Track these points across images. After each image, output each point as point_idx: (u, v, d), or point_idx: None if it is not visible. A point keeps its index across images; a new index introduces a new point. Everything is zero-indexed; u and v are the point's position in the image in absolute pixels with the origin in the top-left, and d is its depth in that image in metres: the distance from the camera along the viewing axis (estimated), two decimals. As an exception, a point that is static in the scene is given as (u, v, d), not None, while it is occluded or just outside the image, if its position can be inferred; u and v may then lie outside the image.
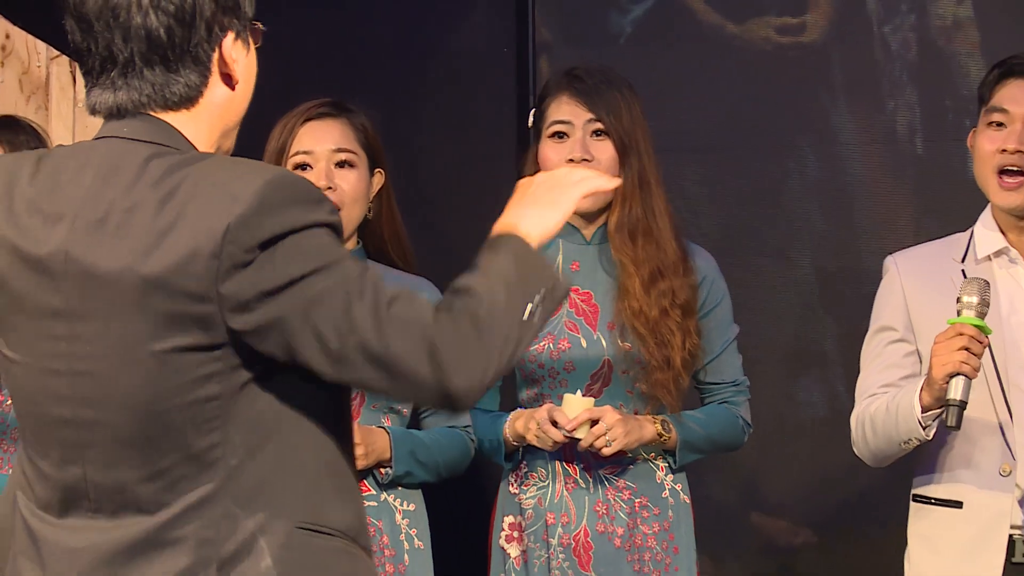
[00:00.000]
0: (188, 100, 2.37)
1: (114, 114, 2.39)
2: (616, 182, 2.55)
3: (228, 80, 2.40)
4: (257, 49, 2.62)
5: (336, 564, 2.39)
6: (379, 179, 3.64)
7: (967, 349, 3.31)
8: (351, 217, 3.56)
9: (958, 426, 3.34)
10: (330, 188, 3.61)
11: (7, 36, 4.28)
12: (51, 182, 2.40)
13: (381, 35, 4.72)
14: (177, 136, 2.37)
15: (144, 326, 2.30)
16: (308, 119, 3.65)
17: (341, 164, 3.59)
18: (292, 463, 2.36)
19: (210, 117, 2.41)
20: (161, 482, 2.34)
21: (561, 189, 2.45)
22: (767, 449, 4.52)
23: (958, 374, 3.32)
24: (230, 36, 2.37)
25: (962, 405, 3.34)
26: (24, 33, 4.28)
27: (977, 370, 3.34)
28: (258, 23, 2.43)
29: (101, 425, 2.35)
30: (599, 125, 3.68)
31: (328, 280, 2.26)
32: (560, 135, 3.69)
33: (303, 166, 3.63)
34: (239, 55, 2.40)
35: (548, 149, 3.69)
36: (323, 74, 4.44)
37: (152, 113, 2.38)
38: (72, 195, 2.36)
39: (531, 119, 3.81)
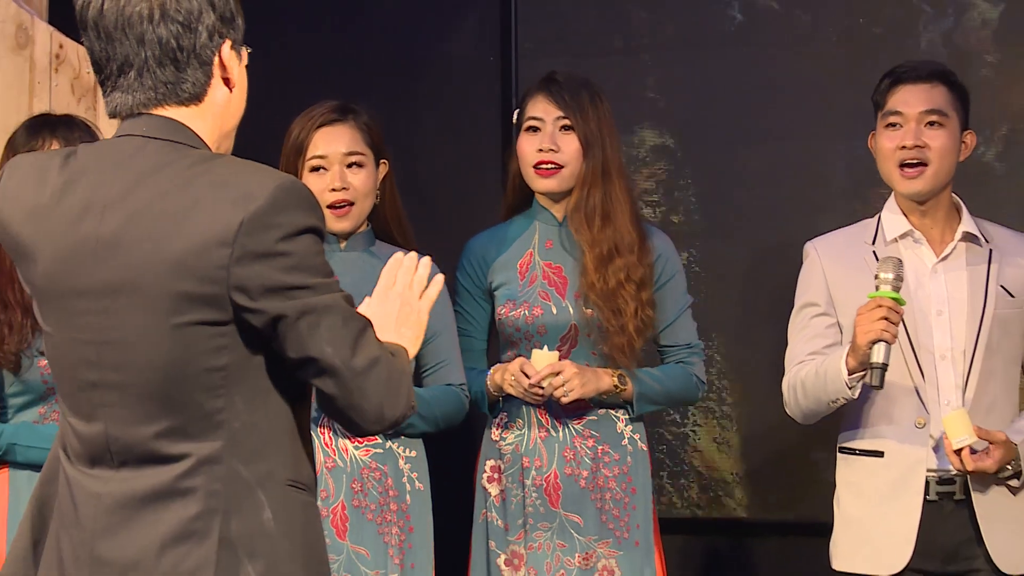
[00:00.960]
0: (196, 97, 2.42)
1: (132, 114, 2.43)
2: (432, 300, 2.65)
3: (227, 83, 2.45)
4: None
5: (312, 517, 2.49)
6: (383, 169, 3.77)
7: (886, 319, 3.44)
8: (363, 209, 3.69)
9: (881, 385, 3.47)
10: (344, 188, 3.74)
11: (60, 46, 4.25)
12: (79, 176, 2.43)
13: (383, 45, 4.78)
14: (188, 132, 2.43)
15: (164, 302, 2.36)
16: (321, 125, 3.77)
17: (351, 165, 3.73)
18: (279, 427, 2.45)
19: (213, 116, 2.46)
20: (173, 437, 2.40)
21: (415, 315, 2.61)
22: (722, 402, 4.62)
23: (880, 340, 3.45)
24: (227, 43, 2.42)
25: (884, 367, 3.46)
26: (75, 44, 4.21)
27: (895, 336, 3.46)
28: (247, 47, 2.49)
29: (124, 387, 2.41)
30: (566, 122, 3.82)
31: (325, 297, 2.36)
32: (534, 129, 3.83)
33: (319, 168, 3.75)
34: (235, 62, 2.45)
35: (523, 141, 3.85)
36: (333, 79, 4.50)
37: (166, 108, 2.43)
38: (99, 187, 2.40)
39: (515, 117, 3.94)
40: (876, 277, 3.48)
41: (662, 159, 4.60)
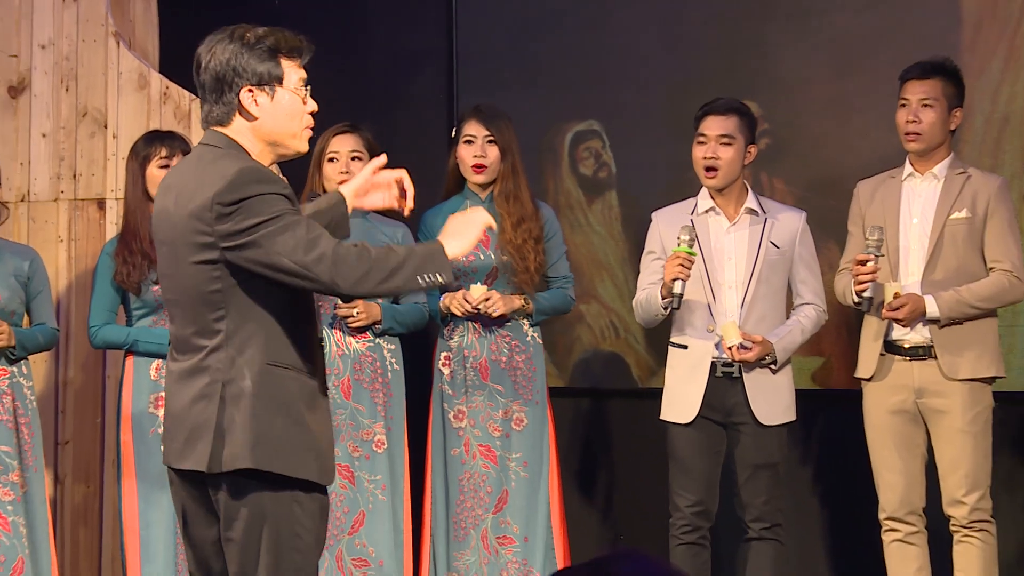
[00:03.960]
0: (222, 122, 2.82)
1: (205, 125, 2.83)
2: (492, 224, 2.95)
3: (249, 116, 2.81)
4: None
5: (285, 383, 2.79)
6: (376, 165, 3.80)
7: (682, 265, 4.11)
8: None
9: (679, 307, 4.18)
10: (347, 173, 4.32)
11: (167, 88, 4.86)
12: (170, 175, 2.89)
13: (369, 86, 5.43)
14: (230, 142, 2.78)
15: (188, 249, 2.76)
16: (336, 134, 4.46)
17: (354, 158, 4.40)
18: (265, 328, 2.77)
19: (248, 133, 2.82)
20: (198, 336, 2.79)
21: (470, 228, 2.85)
22: (587, 317, 5.23)
23: (677, 279, 4.12)
24: (245, 89, 2.81)
25: (680, 296, 4.15)
26: (177, 86, 4.85)
27: (688, 275, 4.11)
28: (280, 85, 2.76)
29: (177, 304, 2.83)
30: (491, 137, 4.51)
31: (276, 225, 2.65)
32: (469, 141, 4.53)
33: (333, 159, 4.39)
34: (252, 100, 2.80)
35: (462, 150, 4.55)
36: (335, 109, 4.13)
37: (213, 127, 2.81)
38: (175, 177, 2.84)
39: (453, 133, 4.59)
40: (678, 238, 4.17)
41: (593, 139, 5.15)
